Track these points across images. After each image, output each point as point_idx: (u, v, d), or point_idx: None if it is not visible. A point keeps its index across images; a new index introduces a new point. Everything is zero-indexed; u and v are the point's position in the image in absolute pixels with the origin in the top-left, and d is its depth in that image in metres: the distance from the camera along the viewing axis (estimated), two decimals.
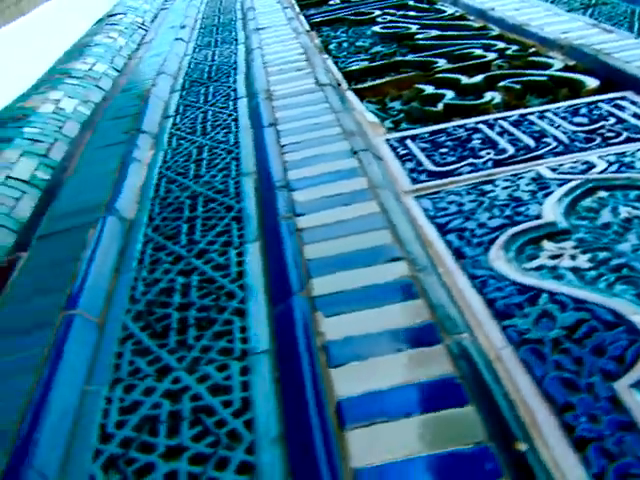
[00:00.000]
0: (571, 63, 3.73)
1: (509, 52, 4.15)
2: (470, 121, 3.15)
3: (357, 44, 5.01)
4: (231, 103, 3.93)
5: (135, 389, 1.85)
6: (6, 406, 1.86)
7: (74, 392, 1.88)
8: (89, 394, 1.87)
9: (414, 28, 5.11)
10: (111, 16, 8.00)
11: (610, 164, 2.55)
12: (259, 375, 1.81)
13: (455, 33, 4.82)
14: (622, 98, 3.15)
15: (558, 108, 3.16)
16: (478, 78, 3.72)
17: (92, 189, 3.09)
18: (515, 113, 3.16)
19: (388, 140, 3.06)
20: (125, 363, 1.96)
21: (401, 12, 5.72)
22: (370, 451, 1.48)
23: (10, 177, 3.62)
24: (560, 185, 2.45)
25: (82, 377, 1.94)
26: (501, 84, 3.57)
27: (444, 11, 5.58)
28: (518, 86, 3.52)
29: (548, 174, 2.55)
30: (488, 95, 3.44)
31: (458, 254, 2.14)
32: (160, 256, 2.45)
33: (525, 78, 3.61)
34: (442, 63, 4.11)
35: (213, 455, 1.61)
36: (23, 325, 2.21)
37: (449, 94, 3.53)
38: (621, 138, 2.75)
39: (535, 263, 2.07)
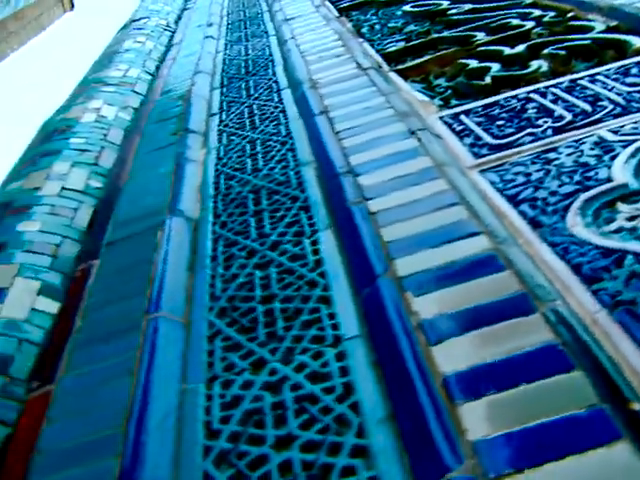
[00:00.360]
0: (613, 24, 3.70)
1: (547, 19, 4.12)
2: (521, 91, 3.13)
3: (389, 25, 4.99)
4: (275, 95, 3.94)
5: (233, 384, 1.87)
6: (109, 411, 1.88)
7: (172, 392, 1.90)
8: (187, 393, 1.89)
9: (445, 4, 5.09)
10: (135, 21, 8.04)
11: None
12: (356, 359, 1.82)
13: (488, 5, 4.79)
14: None
15: (608, 70, 3.13)
16: (520, 48, 3.69)
17: (151, 192, 3.11)
18: (565, 79, 3.14)
19: (442, 117, 3.05)
20: (218, 360, 1.98)
21: None
22: (485, 423, 1.49)
23: (65, 188, 3.66)
24: (624, 147, 2.43)
25: (177, 377, 1.96)
26: (545, 52, 3.55)
27: None
28: (562, 52, 3.49)
29: (610, 137, 2.53)
30: (534, 64, 3.42)
31: (534, 223, 2.14)
32: (233, 252, 2.47)
33: (568, 43, 3.58)
34: (481, 36, 4.09)
35: (324, 441, 1.62)
36: (110, 331, 2.23)
37: (495, 66, 3.51)
38: None
39: (613, 226, 2.06)
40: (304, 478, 1.55)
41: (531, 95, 3.05)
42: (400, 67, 3.89)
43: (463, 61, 3.72)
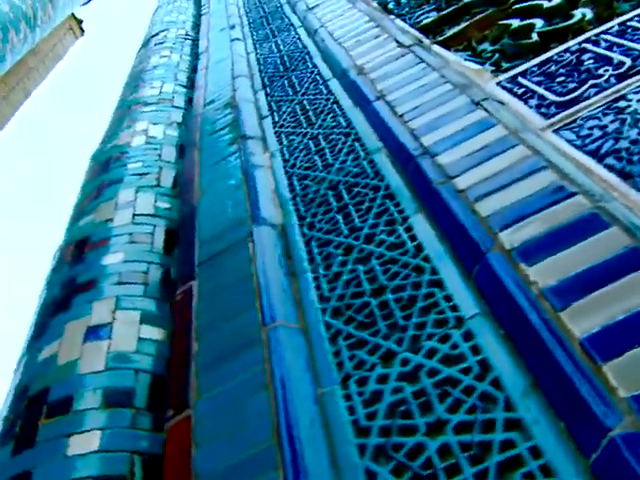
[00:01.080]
0: None
1: None
2: (572, 44, 3.13)
3: None
4: (322, 87, 3.98)
5: (369, 380, 1.93)
6: (254, 426, 1.95)
7: (310, 398, 1.96)
8: (325, 396, 1.96)
9: None
10: (154, 36, 8.09)
11: None
12: (483, 337, 1.87)
13: None
14: None
15: None
16: None
17: (228, 205, 3.17)
18: (613, 24, 3.13)
19: (499, 83, 3.07)
20: (346, 359, 2.04)
21: None
22: (633, 378, 1.53)
23: (136, 215, 3.74)
24: None
25: (310, 382, 2.02)
26: None
27: None
28: None
29: None
30: (577, 13, 3.41)
31: (624, 175, 2.16)
32: (329, 251, 2.52)
33: None
34: None
35: (475, 421, 1.68)
36: (230, 349, 2.30)
37: (538, 22, 3.50)
38: None
39: None
40: (466, 459, 1.61)
41: (583, 46, 3.06)
42: (440, 38, 3.90)
43: (504, 22, 3.72)
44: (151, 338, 2.81)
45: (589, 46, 3.02)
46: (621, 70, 2.71)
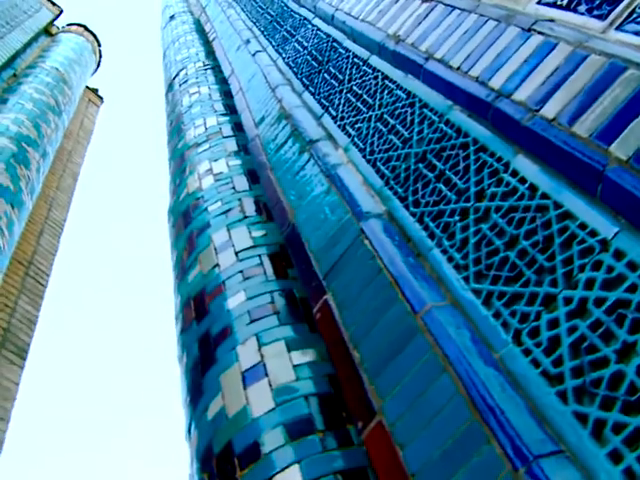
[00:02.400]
0: None
1: None
2: None
3: None
4: (365, 68, 3.97)
5: (540, 330, 1.95)
6: (450, 409, 1.99)
7: (490, 365, 2.01)
8: (505, 358, 1.99)
9: None
10: (175, 77, 8.16)
11: None
12: (635, 251, 1.87)
13: None
14: None
15: None
16: None
17: (325, 212, 3.21)
18: None
19: (539, 1, 3.03)
20: (508, 317, 2.07)
21: None
22: None
23: (238, 252, 3.80)
24: None
25: (483, 350, 2.06)
26: None
27: None
28: None
29: None
30: None
31: None
32: (445, 220, 2.55)
33: None
34: None
35: None
36: (391, 345, 2.34)
37: None
38: None
39: None
40: None
41: None
42: None
43: None
44: (305, 361, 2.87)
45: None
46: None
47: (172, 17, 11.92)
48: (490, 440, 1.82)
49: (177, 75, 8.15)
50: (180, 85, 7.67)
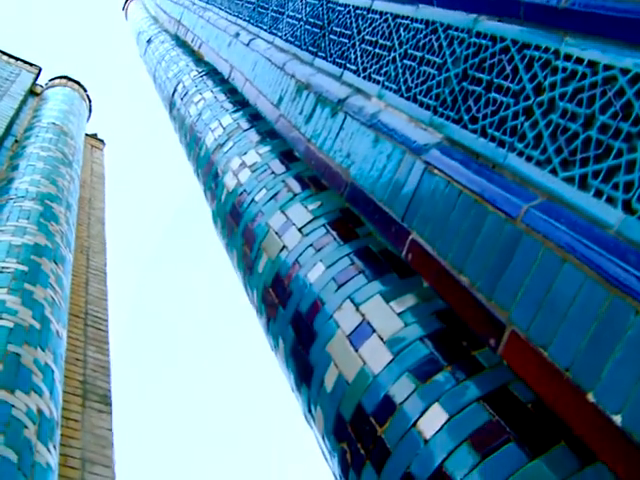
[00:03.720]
0: None
1: None
2: None
3: None
4: (372, 15, 3.90)
5: None
6: (583, 295, 1.95)
7: None
8: None
9: None
10: (174, 94, 8.11)
11: None
12: None
13: None
14: None
15: None
16: None
17: (381, 160, 3.19)
18: None
19: None
20: None
21: None
22: None
23: (301, 227, 3.81)
24: None
25: None
26: None
27: None
28: None
29: None
30: None
31: None
32: (510, 125, 2.51)
33: None
34: None
35: None
36: (503, 257, 2.31)
37: None
38: None
39: None
40: None
41: None
42: None
43: None
44: (406, 307, 2.83)
45: None
46: None
47: (149, 41, 11.89)
48: (639, 310, 1.78)
49: (175, 91, 8.12)
50: (182, 99, 7.64)
